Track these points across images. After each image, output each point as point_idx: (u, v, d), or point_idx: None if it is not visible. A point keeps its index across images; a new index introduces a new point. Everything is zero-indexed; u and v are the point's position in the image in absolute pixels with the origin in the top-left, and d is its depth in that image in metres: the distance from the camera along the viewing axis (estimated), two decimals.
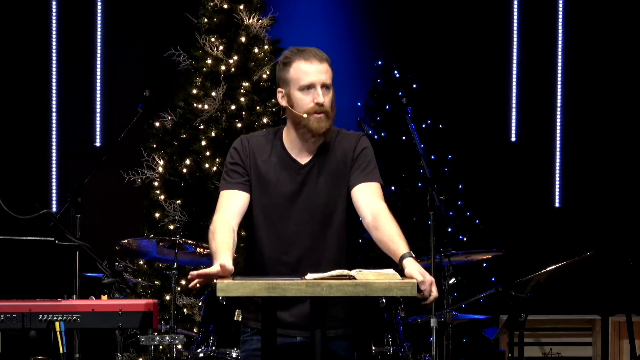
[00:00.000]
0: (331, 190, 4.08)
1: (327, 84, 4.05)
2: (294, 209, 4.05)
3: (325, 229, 4.06)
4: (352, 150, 4.10)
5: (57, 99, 9.60)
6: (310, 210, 4.05)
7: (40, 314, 4.67)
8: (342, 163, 4.10)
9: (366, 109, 9.68)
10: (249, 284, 3.63)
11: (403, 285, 3.67)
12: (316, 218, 4.05)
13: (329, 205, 4.06)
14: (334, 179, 4.08)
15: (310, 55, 4.01)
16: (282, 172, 4.07)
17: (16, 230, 4.92)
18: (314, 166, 4.09)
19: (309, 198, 4.06)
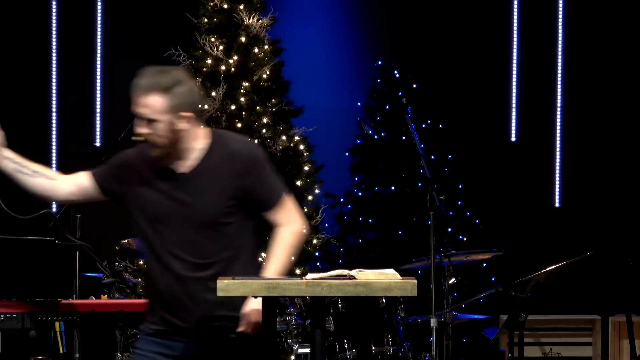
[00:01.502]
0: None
1: (145, 118, 3.97)
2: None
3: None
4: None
5: (57, 99, 9.60)
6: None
7: (40, 314, 4.67)
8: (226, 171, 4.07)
9: (366, 109, 9.68)
10: (249, 284, 3.64)
11: (403, 285, 3.67)
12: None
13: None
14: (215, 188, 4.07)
15: (135, 87, 4.00)
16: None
17: (16, 230, 4.92)
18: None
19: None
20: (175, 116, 3.94)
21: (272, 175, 4.10)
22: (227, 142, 4.06)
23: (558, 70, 10.10)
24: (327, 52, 9.98)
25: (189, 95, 3.97)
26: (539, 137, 10.10)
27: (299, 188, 8.47)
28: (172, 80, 3.95)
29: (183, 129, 3.96)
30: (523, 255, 8.93)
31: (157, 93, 3.94)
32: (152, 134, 3.96)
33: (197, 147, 4.02)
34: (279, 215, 4.11)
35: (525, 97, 10.13)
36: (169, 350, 4.04)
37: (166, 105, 3.93)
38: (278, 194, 4.09)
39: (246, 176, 4.02)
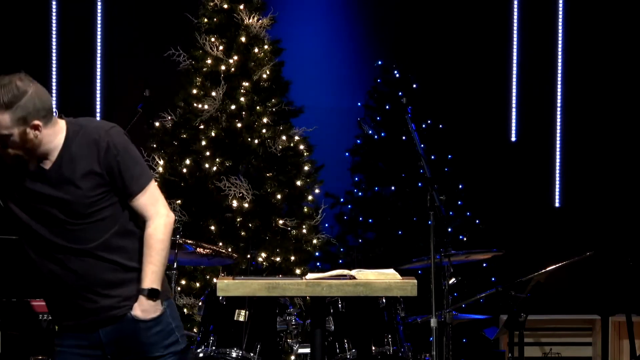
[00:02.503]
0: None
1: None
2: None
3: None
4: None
5: (57, 98, 9.60)
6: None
7: (40, 314, 4.67)
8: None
9: (366, 109, 9.68)
10: (249, 284, 3.64)
11: (403, 285, 3.68)
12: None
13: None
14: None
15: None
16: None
17: None
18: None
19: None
20: (25, 127, 3.93)
21: (134, 161, 4.07)
22: (86, 130, 4.04)
23: (558, 70, 10.10)
24: (327, 52, 9.98)
25: (33, 104, 3.93)
26: (539, 137, 10.10)
27: (299, 188, 8.47)
28: (11, 96, 3.90)
29: (37, 135, 3.96)
30: (523, 255, 8.93)
31: (1, 111, 3.90)
32: (8, 149, 3.95)
33: (57, 143, 4.02)
34: (142, 206, 4.07)
35: (525, 97, 10.13)
36: (84, 341, 4.08)
37: (12, 120, 3.91)
38: (141, 182, 4.07)
39: (106, 163, 4.01)
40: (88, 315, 4.05)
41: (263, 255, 8.21)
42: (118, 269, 4.04)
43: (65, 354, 4.11)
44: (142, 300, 4.03)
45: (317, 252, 8.53)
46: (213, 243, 7.82)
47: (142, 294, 4.03)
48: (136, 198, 4.05)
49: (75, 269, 4.00)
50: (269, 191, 8.36)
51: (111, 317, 4.04)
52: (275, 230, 8.35)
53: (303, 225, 8.41)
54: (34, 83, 3.99)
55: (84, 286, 4.01)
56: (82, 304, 4.03)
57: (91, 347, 4.09)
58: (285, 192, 8.39)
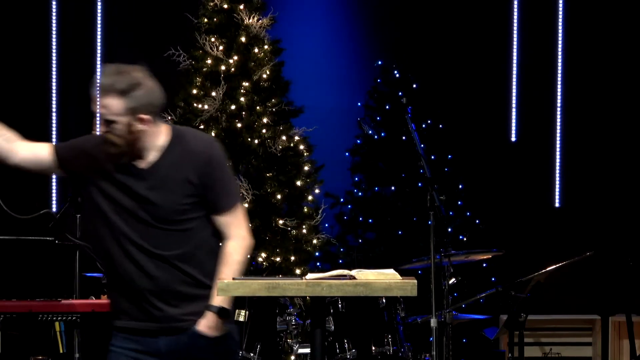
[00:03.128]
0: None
1: (103, 117, 4.00)
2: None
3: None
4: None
5: (57, 99, 9.60)
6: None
7: (40, 314, 4.67)
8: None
9: (366, 109, 9.68)
10: (249, 284, 3.64)
11: (403, 285, 3.67)
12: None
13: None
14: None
15: (94, 84, 4.00)
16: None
17: (16, 230, 4.92)
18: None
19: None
20: (133, 118, 3.95)
21: (230, 179, 4.12)
22: (187, 139, 4.07)
23: (558, 70, 10.10)
24: (327, 52, 9.98)
25: (147, 97, 3.97)
26: (539, 137, 10.10)
27: (299, 188, 8.48)
28: (130, 83, 3.94)
29: (141, 130, 3.97)
30: (523, 255, 8.92)
31: (115, 95, 3.94)
32: (110, 134, 3.98)
33: (157, 144, 4.03)
34: (227, 224, 4.09)
35: (525, 97, 10.13)
36: (142, 345, 4.05)
37: (123, 107, 3.94)
38: (232, 200, 4.09)
39: (204, 175, 4.02)
40: (152, 321, 4.02)
41: (263, 255, 8.21)
42: (192, 283, 4.03)
43: (119, 355, 4.09)
44: (209, 317, 4.01)
45: (317, 252, 8.53)
46: None
47: (211, 310, 4.00)
48: (223, 214, 4.07)
49: (151, 273, 3.98)
50: (269, 191, 8.37)
51: (175, 328, 4.02)
52: (275, 230, 8.35)
53: (303, 225, 8.41)
54: (151, 79, 4.02)
55: (156, 293, 3.99)
56: (149, 309, 4.01)
57: (148, 354, 4.05)
58: (285, 192, 8.39)
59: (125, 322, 4.07)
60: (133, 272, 3.99)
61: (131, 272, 4.00)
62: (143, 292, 3.99)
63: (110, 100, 3.94)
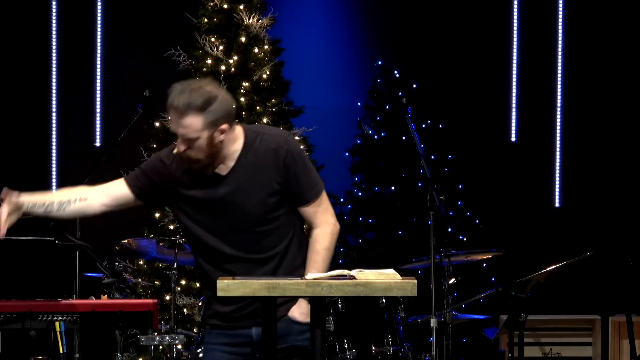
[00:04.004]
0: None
1: (185, 137, 4.01)
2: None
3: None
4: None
5: (57, 99, 9.60)
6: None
7: (40, 314, 4.67)
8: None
9: (366, 109, 9.68)
10: (249, 284, 3.64)
11: (403, 285, 3.67)
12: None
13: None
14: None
15: (170, 107, 4.01)
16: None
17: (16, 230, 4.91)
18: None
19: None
20: (214, 131, 3.98)
21: (310, 169, 4.15)
22: (264, 137, 4.10)
23: (558, 70, 10.10)
24: (327, 52, 9.98)
25: (223, 108, 3.99)
26: (539, 137, 10.10)
27: None
28: (205, 98, 3.96)
29: (222, 140, 4.01)
30: (523, 255, 8.92)
31: (193, 113, 3.95)
32: (192, 151, 4.00)
33: (235, 149, 4.07)
34: (313, 214, 4.15)
35: (525, 97, 10.13)
36: (235, 339, 4.12)
37: (203, 123, 3.96)
38: (316, 190, 4.14)
39: (284, 171, 4.07)
40: (246, 315, 4.08)
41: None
42: (286, 275, 4.07)
43: (214, 352, 4.15)
44: (302, 304, 4.07)
45: None
46: None
47: (303, 297, 4.05)
48: (309, 205, 4.13)
49: (243, 274, 4.01)
50: None
51: None
52: None
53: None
54: (221, 88, 4.05)
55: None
56: (244, 305, 4.07)
57: (241, 345, 4.12)
58: None
59: (218, 321, 4.15)
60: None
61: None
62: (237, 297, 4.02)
63: (190, 119, 3.96)
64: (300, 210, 4.15)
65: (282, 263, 4.09)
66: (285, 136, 4.15)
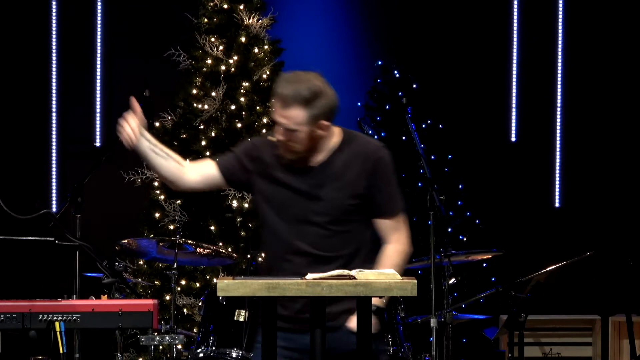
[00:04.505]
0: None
1: (284, 127, 4.01)
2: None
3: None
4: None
5: (57, 99, 9.60)
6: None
7: (40, 314, 4.67)
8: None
9: (366, 109, 9.68)
10: (249, 284, 3.63)
11: (403, 285, 3.67)
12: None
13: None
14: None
15: (276, 95, 4.02)
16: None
17: (16, 230, 4.92)
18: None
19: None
20: (314, 125, 4.00)
21: (396, 185, 4.16)
22: (358, 141, 4.14)
23: (558, 70, 10.10)
24: (327, 52, 9.98)
25: (327, 104, 4.01)
26: (539, 137, 10.09)
27: None
28: (312, 92, 3.98)
29: (321, 135, 4.03)
30: (523, 255, 8.93)
31: (298, 105, 3.96)
32: (290, 142, 4.01)
33: (329, 145, 4.09)
34: (388, 228, 4.18)
35: (525, 97, 10.13)
36: (291, 343, 4.10)
37: (306, 117, 3.98)
38: (397, 205, 4.17)
39: (372, 178, 4.08)
40: (304, 321, 4.01)
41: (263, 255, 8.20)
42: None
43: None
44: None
45: None
46: (213, 243, 7.82)
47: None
48: (386, 219, 4.15)
49: (305, 268, 4.00)
50: None
51: (327, 327, 3.97)
52: None
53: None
54: (328, 84, 4.06)
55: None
56: (302, 308, 4.05)
57: (298, 351, 4.10)
58: None
59: (280, 323, 4.07)
60: (290, 274, 4.03)
61: (289, 275, 4.03)
62: (296, 299, 4.04)
63: (294, 110, 3.97)
64: (378, 222, 4.15)
65: (345, 267, 4.02)
66: (380, 145, 4.18)
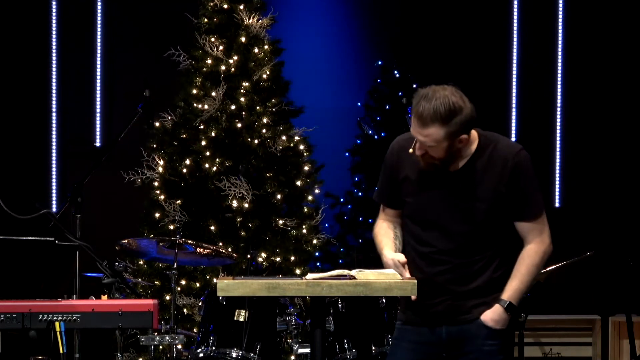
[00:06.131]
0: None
1: (424, 145, 4.06)
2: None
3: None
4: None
5: (57, 99, 9.60)
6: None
7: (40, 314, 4.67)
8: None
9: (366, 109, 9.68)
10: (249, 284, 3.64)
11: (403, 285, 3.68)
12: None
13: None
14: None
15: (414, 113, 4.11)
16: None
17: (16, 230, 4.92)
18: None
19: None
20: (453, 140, 4.02)
21: (537, 188, 4.19)
22: (497, 145, 4.18)
23: (558, 70, 10.10)
24: (327, 52, 9.98)
25: (466, 120, 4.04)
26: (539, 137, 10.09)
27: (299, 188, 8.47)
28: (450, 110, 4.00)
29: (460, 147, 4.06)
30: None
31: (437, 124, 3.99)
32: (428, 156, 4.05)
33: (467, 152, 4.12)
34: (530, 230, 4.16)
35: (525, 97, 10.13)
36: (422, 336, 4.14)
37: (445, 134, 4.00)
38: (537, 208, 4.17)
39: (512, 182, 4.11)
40: (438, 314, 4.10)
41: (263, 255, 8.21)
42: (484, 284, 4.09)
43: (402, 347, 4.17)
44: (497, 310, 4.09)
45: (317, 252, 8.52)
46: (213, 243, 7.82)
47: (500, 304, 4.09)
48: (529, 221, 4.14)
49: (449, 274, 4.07)
50: (269, 191, 8.36)
51: (461, 320, 4.10)
52: (275, 230, 8.35)
53: (303, 225, 8.41)
54: (464, 96, 4.08)
55: (451, 290, 4.09)
56: (436, 302, 4.08)
57: (430, 344, 4.14)
58: (285, 192, 8.39)
59: (409, 316, 4.15)
60: (436, 273, 4.09)
61: (431, 274, 4.10)
62: (439, 290, 4.08)
63: (433, 129, 4.01)
64: (519, 225, 4.15)
65: (483, 269, 4.10)
66: (519, 149, 4.22)
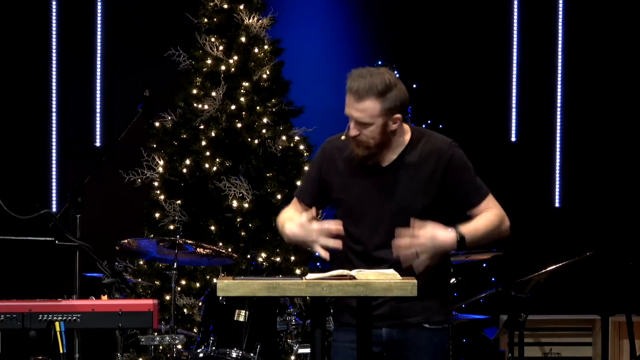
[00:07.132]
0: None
1: (360, 122, 4.02)
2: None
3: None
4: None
5: (57, 99, 9.59)
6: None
7: (40, 314, 4.67)
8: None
9: None
10: (249, 284, 3.64)
11: (403, 285, 3.67)
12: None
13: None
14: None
15: (349, 90, 4.06)
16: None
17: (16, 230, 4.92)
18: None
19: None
20: (388, 118, 4.01)
21: (475, 175, 4.21)
22: (429, 139, 4.14)
23: (558, 70, 10.10)
24: (327, 52, 9.97)
25: (400, 97, 4.04)
26: (539, 137, 10.09)
27: None
28: (386, 84, 3.99)
29: (393, 129, 4.03)
30: (523, 255, 8.92)
31: (373, 98, 3.98)
32: (363, 136, 4.01)
33: (399, 143, 4.09)
34: (481, 210, 4.17)
35: (525, 97, 10.13)
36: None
37: (381, 109, 3.99)
38: (483, 190, 4.21)
39: (450, 174, 4.10)
40: (378, 315, 4.06)
41: (263, 255, 8.21)
42: (427, 283, 4.02)
43: (340, 349, 4.17)
44: (448, 232, 4.00)
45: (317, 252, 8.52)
46: (213, 243, 7.82)
47: (456, 230, 4.01)
48: (478, 206, 4.16)
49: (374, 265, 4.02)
50: (269, 191, 8.36)
51: (404, 323, 4.09)
52: (275, 230, 8.35)
53: None
54: (399, 81, 4.08)
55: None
56: (377, 304, 4.05)
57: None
58: (285, 192, 8.39)
59: (349, 318, 4.13)
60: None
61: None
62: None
63: (368, 103, 3.99)
64: (472, 212, 4.16)
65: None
66: (450, 141, 4.19)
